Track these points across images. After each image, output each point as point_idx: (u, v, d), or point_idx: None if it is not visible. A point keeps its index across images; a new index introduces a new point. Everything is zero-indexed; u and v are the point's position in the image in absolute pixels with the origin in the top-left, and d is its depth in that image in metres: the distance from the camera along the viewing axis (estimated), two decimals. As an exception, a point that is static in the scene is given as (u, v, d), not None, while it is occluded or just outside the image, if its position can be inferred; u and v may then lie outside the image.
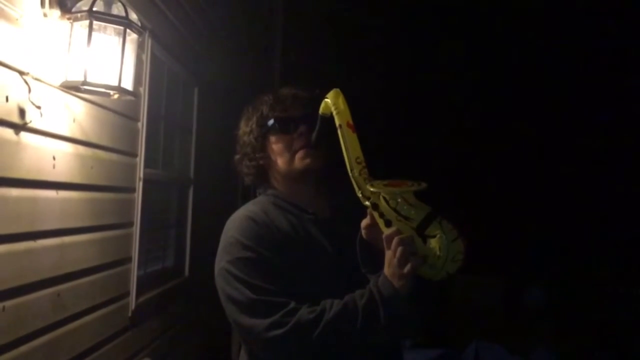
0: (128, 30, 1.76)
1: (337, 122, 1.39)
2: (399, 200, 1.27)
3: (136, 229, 2.53)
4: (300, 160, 1.52)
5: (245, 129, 1.61)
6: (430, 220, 1.25)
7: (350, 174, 1.35)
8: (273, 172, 1.60)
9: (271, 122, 1.56)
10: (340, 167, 1.41)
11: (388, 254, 1.28)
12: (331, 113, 1.41)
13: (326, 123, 1.44)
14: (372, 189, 1.31)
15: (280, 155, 1.55)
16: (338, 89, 1.43)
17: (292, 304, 1.33)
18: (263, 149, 1.57)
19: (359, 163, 1.35)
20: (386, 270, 1.30)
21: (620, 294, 6.18)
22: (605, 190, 7.60)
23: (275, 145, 1.56)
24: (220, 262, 1.45)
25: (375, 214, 1.30)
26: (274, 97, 1.59)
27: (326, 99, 1.43)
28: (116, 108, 2.26)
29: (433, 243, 1.24)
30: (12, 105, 1.55)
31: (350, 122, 1.38)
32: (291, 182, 1.57)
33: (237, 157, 1.64)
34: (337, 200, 1.56)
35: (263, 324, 1.31)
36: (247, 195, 1.66)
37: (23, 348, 1.64)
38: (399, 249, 1.24)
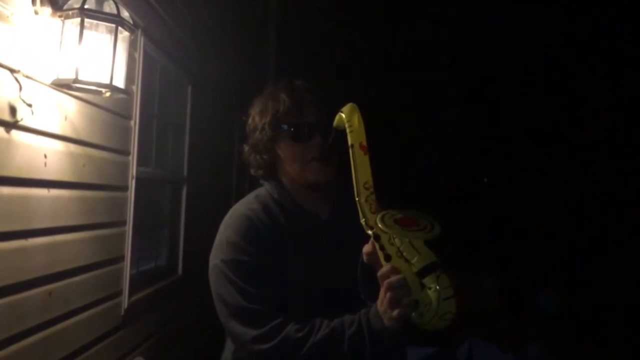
0: (120, 28, 1.76)
1: (349, 141, 1.31)
2: (405, 241, 1.20)
3: (129, 228, 2.52)
4: (310, 173, 1.49)
5: (258, 123, 1.54)
6: (429, 271, 1.17)
7: (356, 199, 1.29)
8: (281, 171, 1.56)
9: (285, 126, 1.50)
10: (349, 175, 1.37)
11: (380, 292, 1.24)
12: (344, 127, 1.34)
13: (339, 135, 1.37)
14: (380, 226, 1.23)
15: (291, 162, 1.51)
16: (354, 105, 1.36)
17: (281, 319, 1.33)
18: (273, 149, 1.53)
19: (366, 189, 1.29)
20: (379, 305, 1.27)
21: (612, 293, 6.21)
22: (597, 191, 7.64)
23: (287, 151, 1.52)
24: (215, 258, 1.44)
25: (376, 245, 1.24)
26: (291, 99, 1.51)
27: (341, 113, 1.36)
28: (108, 106, 2.25)
29: (427, 294, 1.18)
30: (3, 103, 1.55)
31: (364, 143, 1.31)
32: (298, 185, 1.54)
33: (246, 148, 1.59)
34: (341, 203, 1.53)
35: (250, 335, 1.32)
36: (242, 194, 1.63)
37: (15, 346, 1.64)
38: (388, 294, 1.20)
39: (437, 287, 1.16)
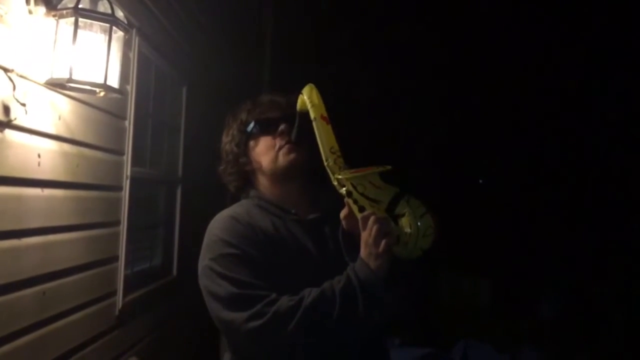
0: (114, 28, 1.76)
1: (311, 115, 1.42)
2: (367, 184, 1.31)
3: (123, 228, 2.51)
4: (284, 157, 1.53)
5: (227, 138, 1.63)
6: (398, 200, 1.29)
7: (325, 164, 1.39)
8: (257, 176, 1.61)
9: (251, 125, 1.58)
10: (323, 165, 1.42)
11: (364, 235, 1.31)
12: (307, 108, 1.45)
13: (305, 119, 1.47)
14: (339, 177, 1.35)
15: (264, 155, 1.56)
16: (312, 84, 1.47)
17: (273, 295, 1.33)
18: (246, 154, 1.59)
19: (333, 152, 1.39)
20: (362, 252, 1.33)
21: (606, 293, 6.23)
22: (594, 190, 7.67)
23: (258, 148, 1.57)
24: (203, 260, 1.45)
25: (350, 201, 1.35)
26: (251, 103, 1.63)
27: (301, 95, 1.47)
28: (102, 106, 2.25)
29: (403, 222, 1.28)
30: (-3, 103, 1.54)
31: (324, 114, 1.42)
32: (276, 183, 1.58)
33: (221, 167, 1.65)
34: (321, 201, 1.57)
35: (243, 317, 1.31)
36: (237, 195, 1.66)
37: (8, 347, 1.63)
38: (374, 228, 1.28)
39: (410, 208, 1.28)
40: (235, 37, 4.90)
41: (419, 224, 1.26)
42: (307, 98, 1.44)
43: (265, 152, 1.56)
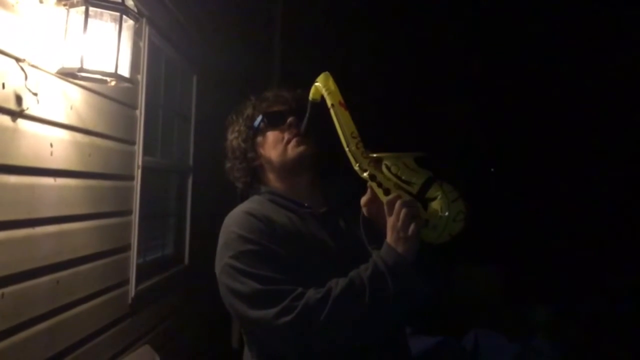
0: (124, 17, 1.75)
1: (329, 103, 1.40)
2: (401, 165, 1.30)
3: (135, 217, 2.53)
4: (293, 149, 1.52)
5: (232, 135, 1.61)
6: (431, 183, 1.27)
7: (346, 149, 1.37)
8: (266, 171, 1.59)
9: (259, 119, 1.56)
10: (333, 157, 1.41)
11: (390, 220, 1.28)
12: (321, 98, 1.43)
13: (315, 110, 1.46)
14: (374, 155, 1.33)
15: (273, 149, 1.54)
16: (327, 72, 1.45)
17: (300, 289, 1.29)
18: (254, 149, 1.57)
19: (354, 137, 1.37)
20: (389, 237, 1.30)
21: (618, 284, 6.19)
22: (606, 180, 7.60)
23: (266, 142, 1.55)
24: (223, 258, 1.40)
25: (374, 185, 1.33)
26: (256, 99, 1.61)
27: (316, 83, 1.45)
28: (113, 95, 2.26)
29: (434, 205, 1.27)
30: (9, 92, 1.55)
31: (342, 101, 1.41)
32: (286, 176, 1.56)
33: (228, 165, 1.63)
34: (333, 193, 1.56)
35: (271, 313, 1.27)
36: (246, 191, 1.65)
37: (23, 334, 1.65)
38: (403, 211, 1.26)
39: (444, 192, 1.27)
40: (246, 26, 4.88)
41: (450, 208, 1.25)
42: (324, 86, 1.42)
43: (274, 145, 1.54)
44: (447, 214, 1.25)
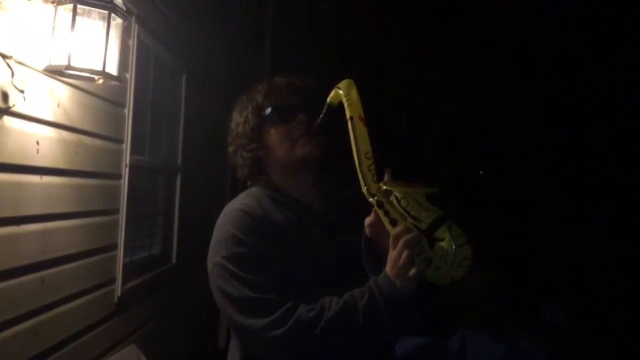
0: (113, 15, 1.75)
1: (348, 114, 1.33)
2: (411, 201, 1.25)
3: (122, 216, 2.52)
4: (301, 149, 1.47)
5: (240, 119, 1.55)
6: (440, 224, 1.23)
7: (358, 169, 1.31)
8: (270, 163, 1.54)
9: (268, 111, 1.50)
10: (339, 159, 1.38)
11: (393, 254, 1.25)
12: (339, 103, 1.35)
13: (329, 112, 1.39)
14: (385, 187, 1.27)
15: (280, 145, 1.49)
16: (352, 80, 1.37)
17: (290, 303, 1.28)
18: (260, 139, 1.51)
19: (368, 158, 1.31)
20: (389, 269, 1.27)
21: (608, 282, 6.23)
22: (597, 182, 7.66)
23: (274, 135, 1.50)
24: (215, 257, 1.37)
25: (380, 212, 1.28)
26: (268, 86, 1.54)
27: (338, 89, 1.36)
28: (101, 94, 2.25)
29: (441, 247, 1.22)
30: (-5, 89, 1.54)
31: (363, 115, 1.32)
32: (289, 173, 1.52)
33: (231, 149, 1.58)
34: (335, 192, 1.53)
35: (262, 324, 1.26)
36: (236, 183, 1.62)
37: (7, 333, 1.64)
38: (405, 252, 1.22)
39: (451, 236, 1.21)
40: (236, 25, 4.88)
41: (457, 253, 1.21)
42: (345, 95, 1.34)
43: (281, 142, 1.49)
44: (452, 258, 1.21)
